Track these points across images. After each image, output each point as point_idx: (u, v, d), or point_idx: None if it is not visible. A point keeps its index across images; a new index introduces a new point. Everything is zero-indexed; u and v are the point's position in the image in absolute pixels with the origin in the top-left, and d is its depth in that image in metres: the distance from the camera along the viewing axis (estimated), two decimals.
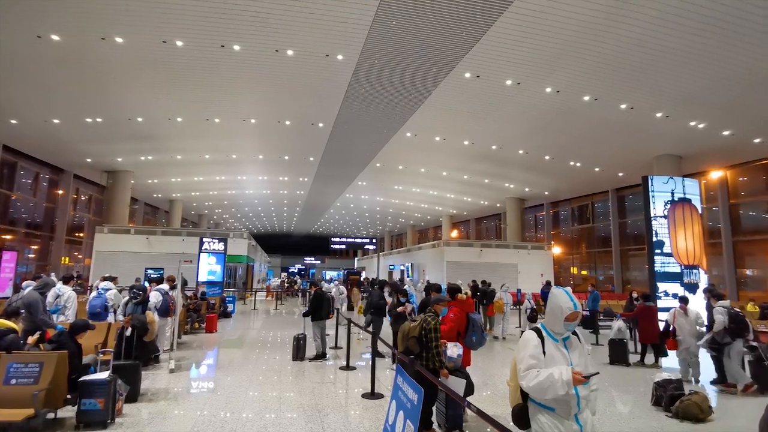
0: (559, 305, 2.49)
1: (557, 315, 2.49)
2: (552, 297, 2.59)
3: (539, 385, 2.31)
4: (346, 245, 37.02)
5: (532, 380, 2.34)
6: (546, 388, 2.29)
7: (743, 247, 18.70)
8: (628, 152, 17.72)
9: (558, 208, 29.50)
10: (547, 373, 2.32)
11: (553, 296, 2.58)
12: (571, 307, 2.46)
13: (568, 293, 2.53)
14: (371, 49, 11.01)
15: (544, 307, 15.67)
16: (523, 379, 2.39)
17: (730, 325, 6.69)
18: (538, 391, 2.34)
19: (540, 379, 2.32)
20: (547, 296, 10.94)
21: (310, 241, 63.47)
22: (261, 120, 16.33)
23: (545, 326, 2.59)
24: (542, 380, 2.31)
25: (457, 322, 4.86)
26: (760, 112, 13.12)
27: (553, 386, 2.27)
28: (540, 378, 2.32)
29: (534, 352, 2.44)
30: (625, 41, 10.00)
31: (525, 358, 2.44)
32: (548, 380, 2.29)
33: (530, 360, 2.42)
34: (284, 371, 7.35)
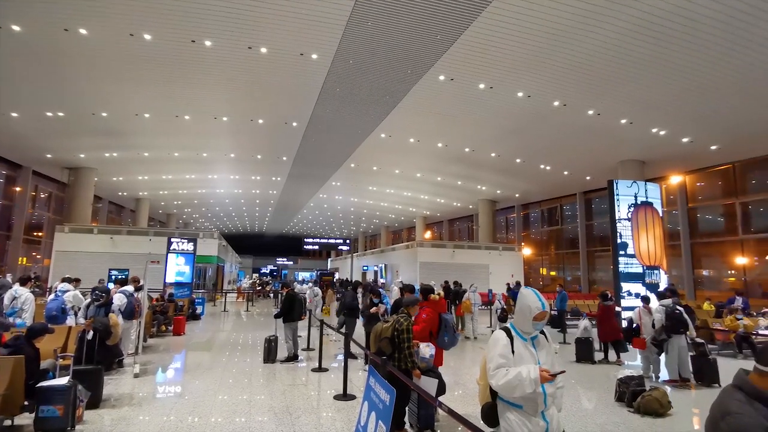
0: (528, 305, 2.54)
1: (526, 314, 2.53)
2: (521, 297, 2.63)
3: (508, 384, 2.36)
4: (319, 246, 36.76)
5: (501, 379, 2.38)
6: (514, 387, 2.34)
7: (700, 249, 19.64)
8: (594, 157, 18.33)
9: (528, 210, 30.19)
10: (515, 372, 2.36)
11: (522, 296, 2.62)
12: (539, 306, 2.51)
13: (536, 293, 2.58)
14: (346, 49, 10.98)
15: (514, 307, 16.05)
16: (493, 377, 2.43)
17: (666, 322, 7.02)
18: (506, 389, 2.38)
19: (509, 377, 2.36)
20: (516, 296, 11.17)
21: (282, 242, 62.67)
22: (233, 118, 16.02)
23: (514, 326, 2.63)
24: (511, 379, 2.35)
25: (430, 322, 4.90)
26: (717, 121, 13.83)
27: (522, 384, 2.32)
28: (509, 377, 2.36)
29: (503, 352, 2.48)
30: (593, 49, 10.35)
31: (494, 357, 2.48)
32: (517, 379, 2.34)
33: (499, 359, 2.46)
34: (255, 374, 7.22)
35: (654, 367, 7.65)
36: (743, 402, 1.51)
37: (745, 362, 9.29)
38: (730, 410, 1.51)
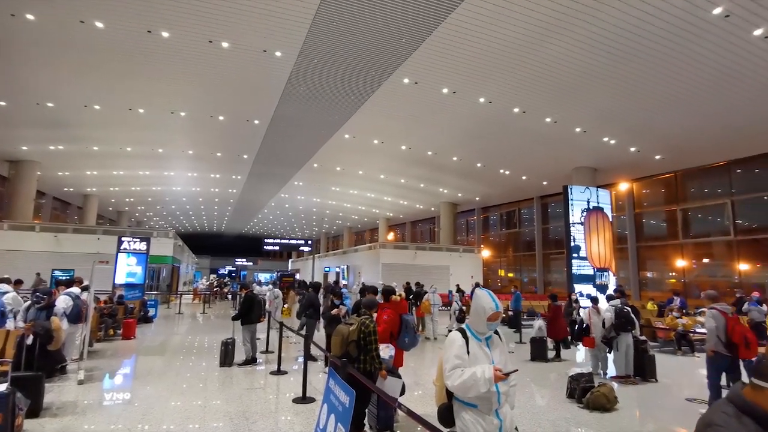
0: (482, 306, 2.59)
1: (480, 315, 2.59)
2: (475, 298, 2.69)
3: (463, 384, 2.40)
4: (280, 246, 36.08)
5: (457, 379, 2.43)
6: (469, 387, 2.39)
7: (645, 252, 20.84)
8: (551, 163, 19.06)
9: (488, 213, 30.97)
10: (470, 372, 2.41)
11: (477, 297, 2.67)
12: (492, 307, 2.56)
13: (490, 294, 2.63)
14: (311, 48, 10.88)
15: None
16: (449, 378, 2.47)
17: (615, 321, 7.43)
18: (462, 389, 2.43)
19: (464, 378, 2.41)
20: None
21: (241, 242, 61.13)
22: (191, 113, 15.48)
23: (469, 326, 2.68)
24: (466, 379, 2.40)
25: (391, 323, 4.92)
26: (660, 132, 14.74)
27: (476, 384, 2.37)
28: (464, 377, 2.41)
29: (459, 352, 2.53)
30: (551, 61, 10.78)
31: (450, 358, 2.52)
32: (471, 379, 2.39)
33: (455, 360, 2.50)
34: (210, 378, 6.99)
35: (602, 364, 8.04)
36: (730, 416, 1.43)
37: (683, 359, 9.95)
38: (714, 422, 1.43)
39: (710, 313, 5.84)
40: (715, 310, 5.79)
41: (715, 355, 5.62)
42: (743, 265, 17.03)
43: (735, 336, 5.46)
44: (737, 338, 5.45)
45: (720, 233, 17.84)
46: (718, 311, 5.76)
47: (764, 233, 16.53)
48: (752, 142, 15.11)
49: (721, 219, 17.73)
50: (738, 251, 17.16)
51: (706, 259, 18.77)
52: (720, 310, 5.76)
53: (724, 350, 5.53)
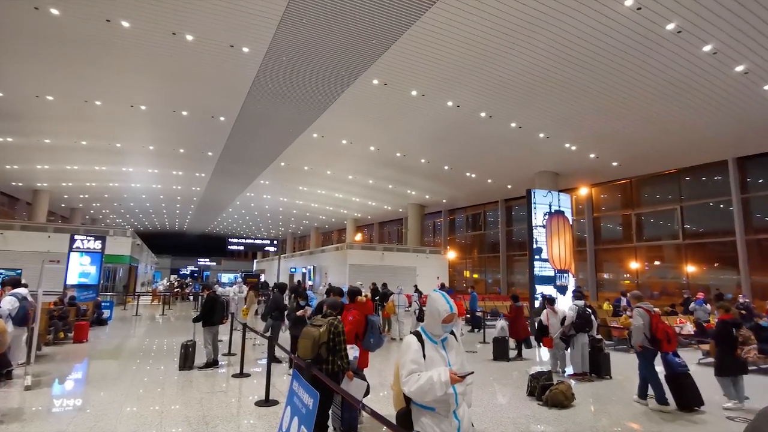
0: (437, 308, 2.58)
1: (435, 317, 2.58)
2: (430, 301, 2.67)
3: (420, 389, 2.38)
4: (244, 246, 35.27)
5: (413, 385, 2.40)
6: (426, 391, 2.37)
7: (602, 255, 21.76)
8: (515, 167, 19.59)
9: (454, 215, 31.46)
10: (426, 377, 2.39)
11: (432, 300, 2.66)
12: (447, 309, 2.56)
13: (444, 296, 2.63)
14: (280, 45, 10.72)
15: None
16: (405, 384, 2.45)
17: (576, 320, 7.74)
18: (419, 394, 2.40)
19: (420, 383, 2.39)
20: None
21: (205, 242, 59.42)
22: (153, 107, 14.92)
23: (425, 329, 2.66)
24: (422, 384, 2.38)
25: (356, 324, 4.91)
26: (617, 140, 15.44)
27: (433, 388, 2.36)
28: (420, 382, 2.39)
29: (414, 357, 2.50)
30: (517, 67, 11.09)
31: (406, 363, 2.49)
32: (428, 383, 2.37)
33: (411, 365, 2.47)
34: (169, 382, 6.75)
35: (560, 362, 8.32)
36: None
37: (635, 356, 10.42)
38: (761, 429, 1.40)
39: (637, 311, 6.28)
40: (641, 308, 6.24)
41: (644, 350, 6.11)
42: (691, 268, 18.08)
43: (658, 332, 5.99)
44: (660, 334, 5.97)
45: (670, 237, 18.86)
46: (643, 310, 6.21)
47: (710, 238, 17.61)
48: (700, 151, 16.08)
49: (671, 224, 18.74)
50: (686, 254, 18.20)
51: (658, 261, 19.80)
52: (645, 308, 6.22)
53: (650, 345, 6.03)
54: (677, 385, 5.95)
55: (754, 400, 6.35)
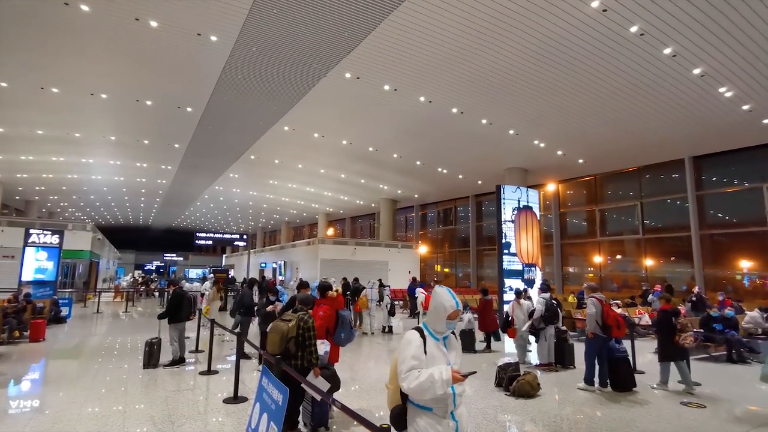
0: (443, 303, 2.49)
1: (440, 313, 2.49)
2: (435, 296, 2.57)
3: (420, 387, 2.30)
4: (213, 241, 34.43)
5: (413, 381, 2.32)
6: (426, 389, 2.29)
7: (568, 249, 22.47)
8: (485, 163, 19.91)
9: (426, 210, 31.73)
10: (427, 374, 2.31)
11: (437, 295, 2.56)
12: (453, 305, 2.48)
13: (450, 292, 2.53)
14: (250, 35, 10.46)
15: (409, 303, 16.79)
16: (405, 380, 2.35)
17: (544, 313, 8.00)
18: (418, 392, 2.32)
19: (420, 380, 2.30)
20: (414, 293, 11.69)
21: (171, 236, 57.63)
22: (114, 96, 14.28)
23: (427, 325, 2.56)
24: (423, 381, 2.30)
25: (327, 319, 4.89)
26: (583, 138, 15.93)
27: (433, 386, 2.28)
28: (420, 379, 2.31)
29: (416, 353, 2.41)
30: (488, 64, 11.23)
31: (407, 359, 2.40)
32: (428, 381, 2.29)
33: (412, 361, 2.39)
34: (133, 381, 6.54)
35: (522, 353, 8.57)
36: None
37: None
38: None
39: (591, 301, 6.71)
40: (594, 298, 6.68)
41: (594, 338, 6.55)
42: (649, 261, 18.92)
43: (609, 319, 6.46)
44: (611, 321, 6.46)
45: (631, 232, 19.65)
46: (596, 299, 6.64)
47: (668, 233, 18.46)
48: (659, 150, 16.79)
49: (632, 219, 19.53)
50: (645, 248, 19.02)
51: (619, 255, 20.61)
52: (598, 298, 6.67)
53: (601, 332, 6.49)
54: (616, 368, 6.50)
55: (706, 385, 6.73)
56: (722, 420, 5.30)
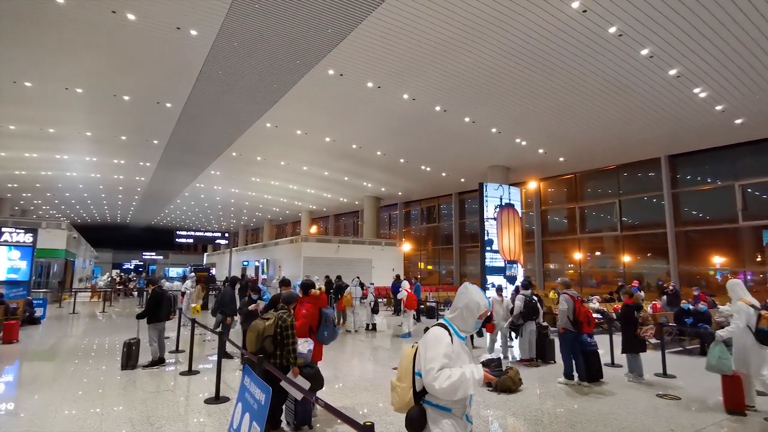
0: (476, 301, 2.42)
1: (473, 312, 2.41)
2: (468, 293, 2.47)
3: (452, 386, 2.22)
4: (194, 239, 33.77)
5: (446, 381, 2.22)
6: (457, 389, 2.22)
7: (549, 246, 22.83)
8: (468, 161, 20.05)
9: (410, 207, 31.82)
10: (459, 373, 2.24)
11: (470, 293, 2.47)
12: (486, 304, 2.42)
13: (481, 291, 2.47)
14: (231, 30, 10.30)
15: (393, 300, 16.83)
16: (436, 380, 2.24)
17: (523, 309, 8.14)
18: (449, 391, 2.23)
19: (453, 380, 2.22)
20: (397, 290, 11.72)
21: (150, 235, 56.47)
22: (90, 91, 13.90)
23: (452, 323, 2.47)
24: (455, 381, 2.22)
25: (309, 317, 4.86)
26: (563, 136, 16.17)
27: (465, 386, 2.23)
28: (453, 379, 2.22)
29: (447, 351, 2.31)
30: (471, 62, 11.30)
31: (437, 357, 2.29)
32: (460, 380, 2.22)
33: (443, 359, 2.28)
34: (111, 383, 6.39)
35: (503, 350, 8.69)
36: None
37: None
38: None
39: (563, 297, 6.90)
40: (566, 294, 6.88)
41: (565, 332, 6.76)
42: (627, 257, 19.36)
43: (580, 315, 6.68)
44: (582, 317, 6.67)
45: (609, 229, 20.08)
46: (568, 296, 6.85)
47: (644, 229, 18.92)
48: (636, 149, 17.18)
49: (611, 216, 19.94)
50: (623, 245, 19.46)
51: (598, 252, 21.03)
52: (570, 294, 6.87)
53: (572, 327, 6.71)
54: (587, 361, 6.73)
55: (680, 377, 6.93)
56: (696, 411, 5.47)
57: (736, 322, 5.47)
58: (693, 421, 5.11)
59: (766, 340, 5.34)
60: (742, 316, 5.46)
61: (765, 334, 5.35)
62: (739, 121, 13.74)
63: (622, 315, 7.28)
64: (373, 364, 8.14)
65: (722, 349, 5.49)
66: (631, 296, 7.40)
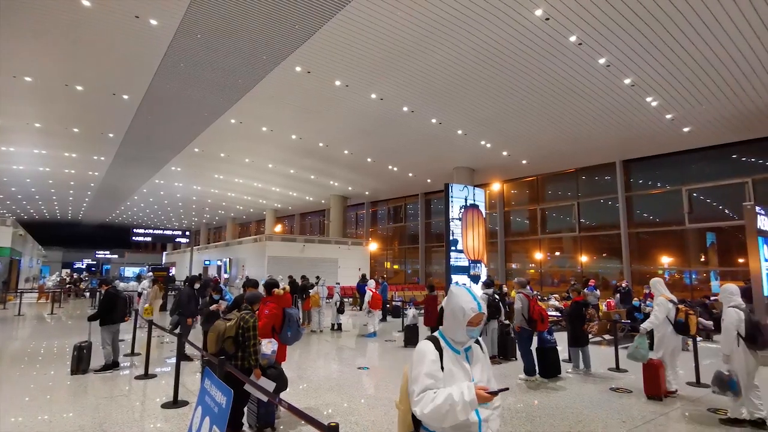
0: (461, 306, 2.05)
1: (459, 318, 2.04)
2: (452, 297, 2.12)
3: (436, 411, 1.85)
4: (152, 237, 32.49)
5: (428, 405, 1.87)
6: (444, 414, 1.84)
7: (511, 246, 23.46)
8: (435, 162, 20.31)
9: (377, 207, 31.88)
10: (445, 395, 1.86)
11: (453, 296, 2.11)
12: (475, 307, 2.04)
13: (470, 291, 2.11)
14: (194, 21, 9.97)
15: (360, 300, 16.81)
16: (417, 404, 1.90)
17: (488, 309, 8.35)
18: (435, 417, 1.87)
19: (437, 402, 1.85)
20: (363, 290, 11.76)
21: (104, 232, 53.88)
22: (40, 79, 13.10)
23: (444, 334, 2.12)
24: (440, 404, 1.85)
25: (272, 317, 4.78)
26: (527, 140, 16.67)
27: (453, 410, 1.83)
28: (437, 401, 1.86)
29: (430, 369, 1.96)
30: (438, 64, 11.44)
31: (420, 377, 1.94)
32: (447, 403, 1.84)
33: (426, 380, 1.93)
34: (60, 388, 6.06)
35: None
36: None
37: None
38: None
39: (518, 296, 7.17)
40: (521, 294, 7.15)
41: (522, 331, 7.03)
42: (584, 257, 20.18)
43: (534, 314, 6.94)
44: (536, 315, 6.94)
45: (568, 230, 20.86)
46: (523, 295, 7.12)
47: (600, 231, 19.77)
48: (594, 153, 17.93)
49: (570, 218, 20.72)
50: (581, 245, 20.26)
51: (558, 252, 21.81)
52: (525, 294, 7.14)
53: (527, 326, 6.97)
54: (545, 357, 7.00)
55: (632, 371, 7.29)
56: (645, 402, 5.78)
57: (656, 314, 6.16)
58: (643, 412, 5.38)
59: (682, 329, 6.12)
60: (662, 309, 6.15)
61: (681, 325, 6.10)
62: (687, 130, 14.59)
63: (570, 312, 7.63)
64: (338, 364, 8.11)
65: (641, 340, 6.05)
66: (579, 294, 7.80)
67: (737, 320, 4.86)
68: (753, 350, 4.80)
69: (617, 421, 5.08)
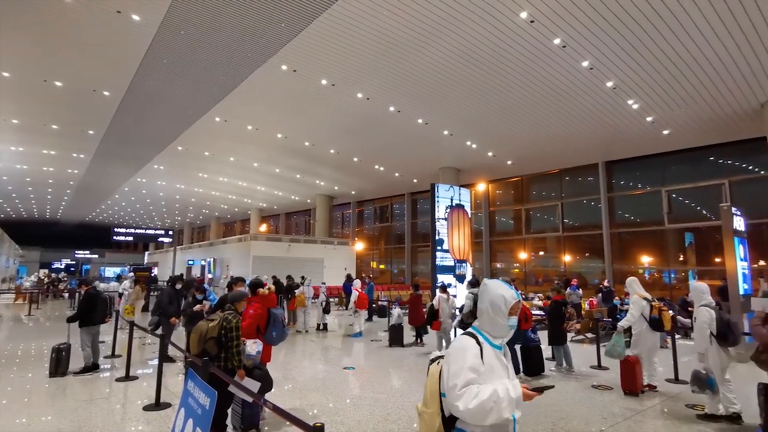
0: (501, 294, 2.02)
1: (501, 308, 2.00)
2: (489, 289, 2.08)
3: (481, 407, 1.77)
4: (134, 237, 31.90)
5: (472, 401, 1.79)
6: (489, 410, 1.77)
7: (496, 246, 23.69)
8: (421, 162, 20.38)
9: (363, 207, 31.84)
10: (489, 391, 1.80)
11: (490, 288, 2.08)
12: (513, 294, 2.02)
13: (505, 283, 2.11)
14: (178, 17, 9.81)
15: (346, 300, 16.78)
16: (459, 399, 1.82)
17: (473, 308, 8.42)
18: (479, 414, 1.79)
19: (482, 398, 1.78)
20: (349, 289, 11.75)
21: (84, 232, 52.70)
22: (18, 74, 12.75)
23: (480, 330, 2.06)
24: (485, 400, 1.78)
25: (257, 318, 4.75)
26: (512, 140, 16.85)
27: (498, 407, 1.78)
28: (482, 397, 1.78)
29: (474, 363, 1.89)
30: (424, 65, 11.48)
31: (462, 371, 1.87)
32: (492, 399, 1.78)
33: (469, 374, 1.85)
34: (38, 391, 5.91)
35: (446, 343, 8.93)
36: None
37: None
38: None
39: None
40: None
41: None
42: (568, 257, 20.48)
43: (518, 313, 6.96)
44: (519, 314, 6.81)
45: (552, 230, 21.15)
46: None
47: (583, 231, 20.10)
48: (577, 154, 18.21)
49: (554, 218, 21.01)
50: (564, 245, 20.57)
51: (542, 251, 22.09)
52: None
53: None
54: (528, 356, 7.14)
55: (613, 369, 7.42)
56: (626, 399, 5.90)
57: (632, 312, 6.36)
58: (624, 409, 5.50)
59: (657, 326, 6.33)
60: (637, 307, 6.35)
61: (656, 322, 6.32)
62: (666, 132, 14.92)
63: (550, 310, 7.81)
64: (323, 364, 8.08)
65: (618, 338, 6.25)
66: (559, 293, 7.96)
67: (709, 319, 5.02)
68: (724, 347, 4.96)
69: (598, 417, 5.17)
